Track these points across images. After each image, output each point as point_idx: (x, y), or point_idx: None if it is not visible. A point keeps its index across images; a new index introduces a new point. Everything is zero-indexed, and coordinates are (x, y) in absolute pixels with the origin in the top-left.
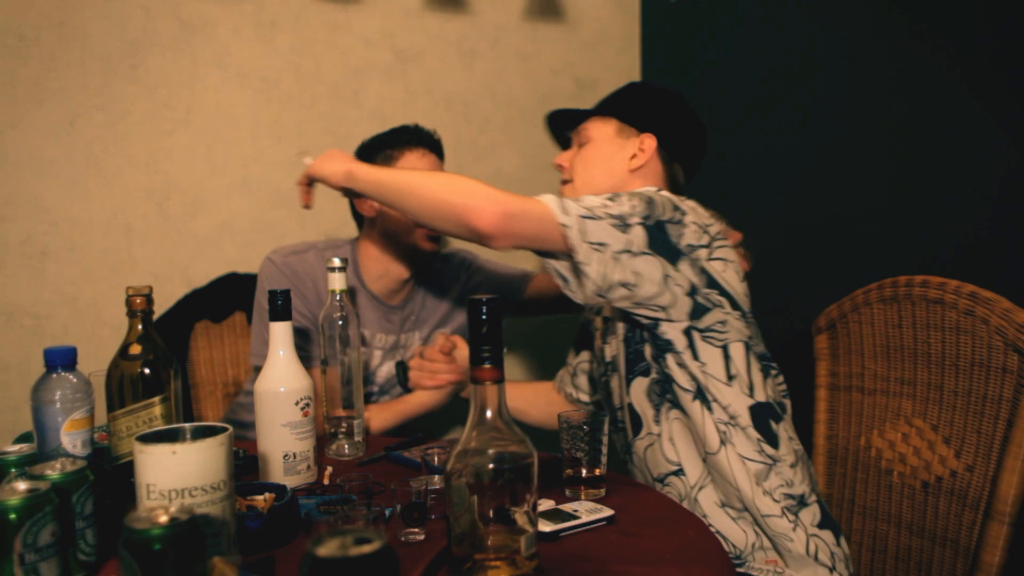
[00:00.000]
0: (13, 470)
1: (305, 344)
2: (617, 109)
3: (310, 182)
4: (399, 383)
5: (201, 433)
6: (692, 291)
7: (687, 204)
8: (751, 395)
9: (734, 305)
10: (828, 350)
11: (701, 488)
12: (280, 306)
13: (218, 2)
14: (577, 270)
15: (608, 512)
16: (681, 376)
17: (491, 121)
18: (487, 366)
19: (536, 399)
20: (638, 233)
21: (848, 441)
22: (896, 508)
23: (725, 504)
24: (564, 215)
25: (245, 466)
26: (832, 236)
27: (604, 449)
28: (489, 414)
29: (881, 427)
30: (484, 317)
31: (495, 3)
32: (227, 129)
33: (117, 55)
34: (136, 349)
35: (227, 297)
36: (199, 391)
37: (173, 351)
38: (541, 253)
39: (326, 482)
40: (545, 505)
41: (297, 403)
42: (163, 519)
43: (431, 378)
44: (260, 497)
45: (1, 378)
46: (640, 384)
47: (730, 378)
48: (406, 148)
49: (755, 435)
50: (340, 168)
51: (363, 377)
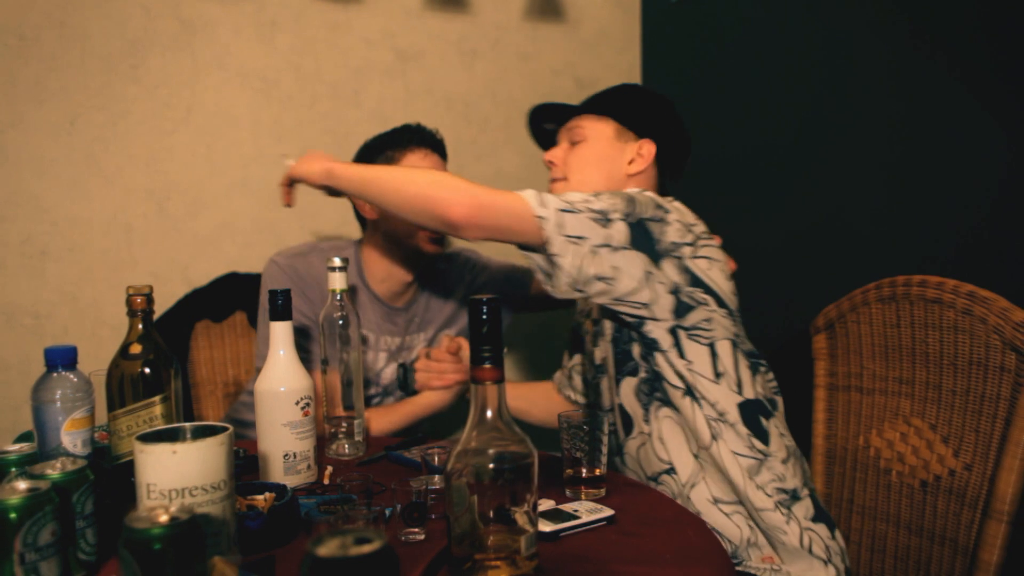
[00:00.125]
0: (13, 469)
1: (309, 346)
2: (616, 110)
3: (291, 183)
4: (399, 386)
5: (201, 433)
6: (675, 289)
7: (672, 204)
8: (740, 392)
9: (720, 303)
10: (826, 350)
11: (693, 486)
12: (280, 306)
13: (218, 2)
14: (551, 263)
15: (608, 512)
16: (670, 372)
17: (491, 121)
18: (487, 366)
19: (538, 398)
20: (620, 229)
21: (847, 441)
22: (895, 507)
23: (718, 500)
24: (542, 208)
25: (245, 466)
26: (831, 236)
27: (604, 449)
28: (489, 414)
29: (880, 426)
30: (484, 317)
31: (496, 3)
32: (227, 129)
33: (117, 55)
34: (136, 349)
35: (228, 297)
36: (199, 391)
37: (173, 351)
38: (522, 247)
39: (326, 482)
40: (545, 505)
41: (297, 403)
42: (163, 519)
43: (439, 378)
44: (260, 497)
45: (1, 377)
46: (629, 384)
47: (717, 375)
48: (408, 149)
49: (744, 431)
50: (320, 167)
51: (367, 379)
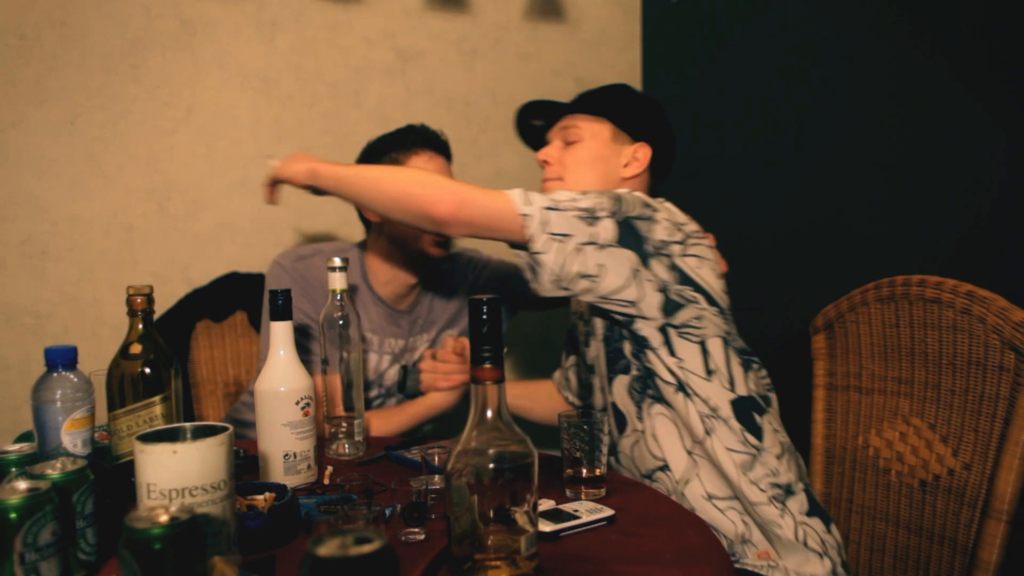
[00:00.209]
0: (13, 469)
1: (312, 347)
2: (612, 112)
3: (275, 183)
4: (399, 388)
5: (201, 432)
6: (664, 287)
7: (661, 204)
8: (732, 389)
9: (710, 301)
10: (826, 350)
11: (688, 482)
12: (280, 306)
13: (219, 2)
14: (534, 260)
15: (608, 512)
16: (662, 369)
17: (491, 121)
18: (487, 366)
19: (541, 397)
20: (607, 227)
21: (846, 440)
22: (894, 507)
23: (712, 496)
24: (527, 206)
25: (245, 466)
26: (831, 236)
27: (604, 449)
28: (489, 414)
29: (879, 426)
30: (484, 317)
31: (496, 3)
32: (228, 129)
33: (118, 54)
34: (137, 348)
35: (228, 296)
36: (200, 390)
37: (174, 350)
38: (512, 246)
39: (326, 482)
40: (545, 505)
41: (297, 403)
42: (163, 519)
43: (445, 379)
44: (260, 497)
45: (1, 377)
46: (621, 382)
47: (709, 373)
48: (413, 151)
49: (737, 427)
50: (303, 168)
51: (370, 381)
